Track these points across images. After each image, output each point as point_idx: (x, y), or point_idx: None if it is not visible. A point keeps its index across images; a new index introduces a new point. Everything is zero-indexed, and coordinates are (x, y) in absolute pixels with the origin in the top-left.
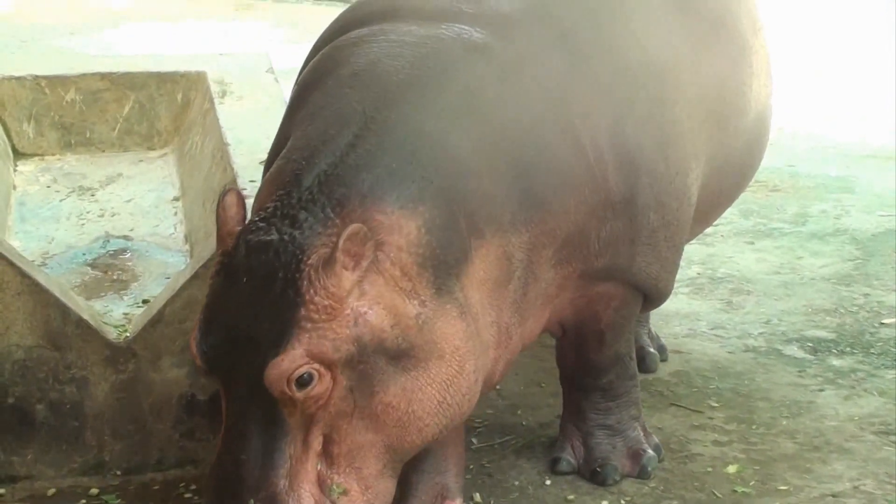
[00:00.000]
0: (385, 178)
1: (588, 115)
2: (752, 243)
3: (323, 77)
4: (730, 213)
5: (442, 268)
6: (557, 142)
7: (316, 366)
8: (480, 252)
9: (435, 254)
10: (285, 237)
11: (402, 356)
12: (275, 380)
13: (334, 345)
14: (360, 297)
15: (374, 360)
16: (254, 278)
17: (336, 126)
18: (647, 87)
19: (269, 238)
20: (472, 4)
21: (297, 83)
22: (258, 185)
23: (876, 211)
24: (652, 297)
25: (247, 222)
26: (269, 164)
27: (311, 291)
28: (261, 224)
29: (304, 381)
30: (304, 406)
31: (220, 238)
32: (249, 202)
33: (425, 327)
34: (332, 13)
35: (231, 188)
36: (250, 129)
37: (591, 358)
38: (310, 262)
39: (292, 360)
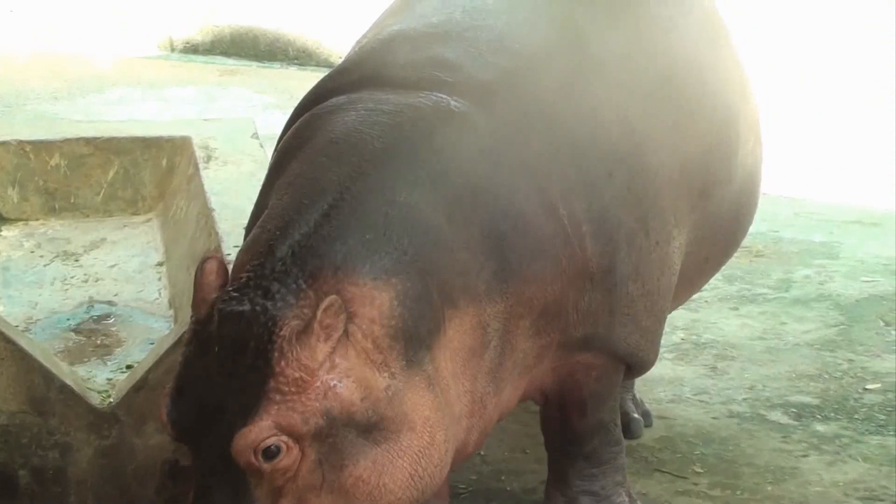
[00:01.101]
0: (358, 250)
1: (566, 187)
2: (737, 309)
3: (300, 145)
4: (714, 279)
5: (414, 339)
6: (534, 212)
7: (284, 438)
8: (454, 322)
9: (407, 326)
10: (257, 308)
11: (373, 429)
12: (242, 450)
13: (303, 417)
14: (330, 370)
15: (344, 433)
16: (225, 348)
17: (311, 196)
18: (626, 158)
19: (241, 308)
20: (451, 73)
21: (275, 150)
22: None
23: (860, 277)
24: (634, 366)
25: (221, 291)
26: (248, 231)
27: (282, 363)
28: (234, 294)
29: (271, 453)
30: (272, 478)
31: (195, 304)
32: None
33: (395, 399)
34: (317, 78)
35: (212, 255)
36: (235, 194)
37: (575, 425)
38: (281, 333)
39: (260, 432)
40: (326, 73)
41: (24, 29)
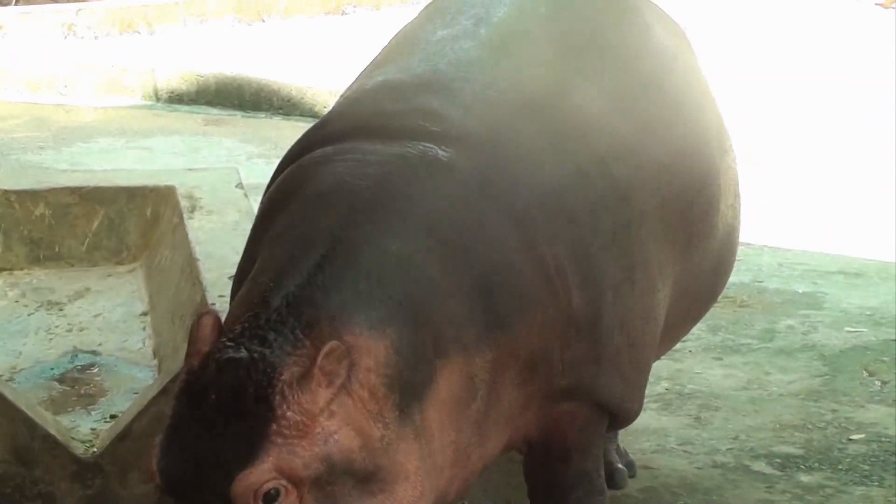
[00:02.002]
0: (353, 300)
1: (552, 238)
2: (721, 359)
3: (288, 197)
4: (698, 329)
5: (407, 390)
6: (522, 262)
7: (284, 482)
8: (444, 372)
9: (402, 375)
10: (255, 355)
11: (370, 479)
12: (242, 493)
13: (304, 462)
14: (329, 417)
15: (343, 482)
16: (222, 395)
17: (302, 247)
18: (611, 210)
19: (238, 356)
20: (437, 123)
21: (262, 203)
22: (227, 299)
23: (844, 327)
24: (618, 416)
25: (214, 342)
26: (236, 284)
27: (284, 406)
28: (229, 344)
29: (270, 497)
30: None
31: (189, 356)
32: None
33: (389, 449)
34: (302, 128)
35: (208, 310)
36: (220, 244)
37: (559, 475)
38: (282, 378)
39: (261, 474)
40: (312, 124)
41: (9, 79)
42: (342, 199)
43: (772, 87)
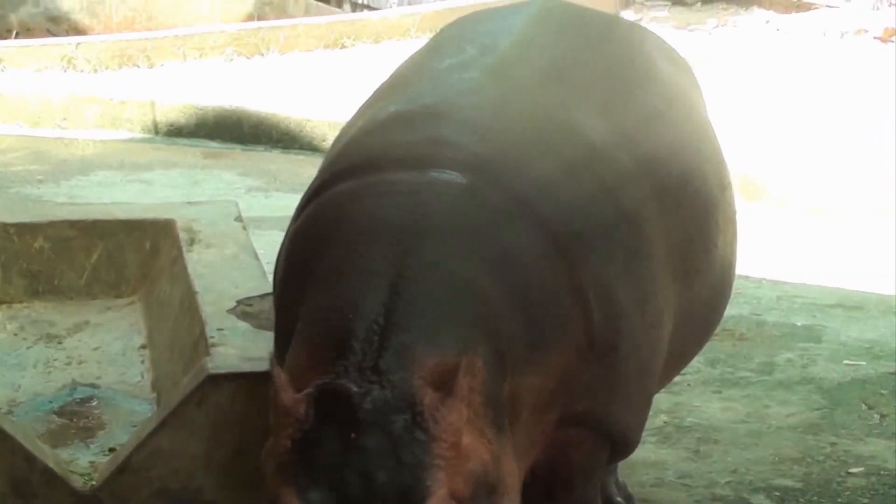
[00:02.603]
0: (439, 322)
1: (577, 262)
2: (719, 392)
3: (326, 236)
4: (696, 362)
5: (497, 406)
6: (557, 285)
7: None
8: (506, 393)
9: (492, 393)
10: (383, 384)
11: (493, 492)
12: None
13: (465, 481)
14: (466, 433)
15: (480, 498)
16: (368, 430)
17: (365, 282)
18: (622, 240)
19: (363, 390)
20: (454, 150)
21: (292, 243)
22: (226, 333)
23: (843, 360)
24: (620, 445)
25: (318, 384)
26: (281, 335)
27: (439, 429)
28: (340, 382)
29: None
30: None
31: (284, 407)
32: (217, 349)
33: (499, 463)
34: (302, 162)
35: (275, 365)
36: (219, 277)
37: (560, 503)
38: (425, 401)
39: (441, 503)
40: (326, 160)
41: (8, 112)
42: (386, 231)
43: (772, 120)
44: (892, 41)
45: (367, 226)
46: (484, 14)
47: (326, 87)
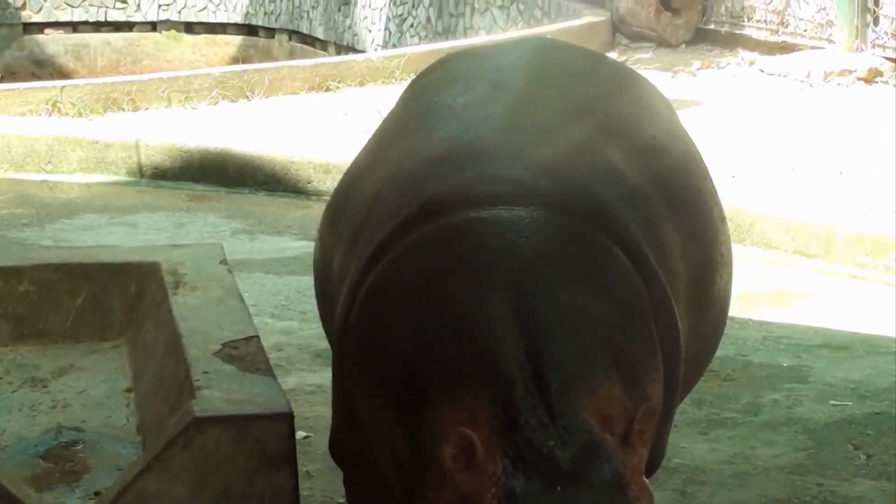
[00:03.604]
0: (582, 358)
1: (649, 282)
2: (706, 433)
3: (418, 293)
4: (683, 403)
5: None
6: (646, 303)
7: None
8: None
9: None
10: (571, 433)
11: None
12: None
13: None
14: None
15: None
16: (571, 482)
17: (492, 328)
18: (666, 268)
19: (553, 441)
20: (513, 186)
21: (367, 314)
22: (211, 376)
23: (829, 400)
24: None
25: (511, 442)
26: (388, 389)
27: (628, 472)
28: (535, 436)
29: None
30: None
31: (479, 467)
32: (202, 392)
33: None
34: (287, 204)
35: (462, 432)
36: (204, 320)
37: None
38: (611, 446)
39: None
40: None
41: None
42: (493, 274)
43: (757, 161)
44: (876, 82)
45: (469, 270)
46: (477, 52)
47: (311, 130)
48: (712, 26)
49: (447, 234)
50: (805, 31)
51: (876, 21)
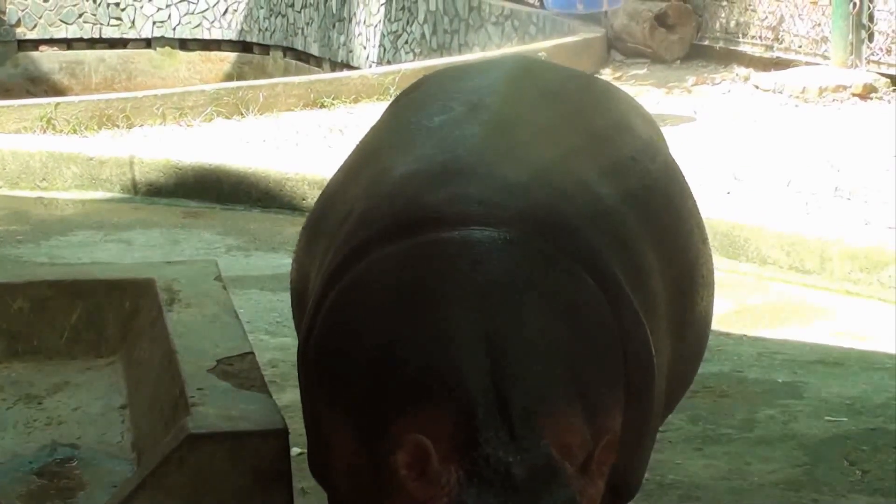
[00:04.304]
0: (546, 385)
1: (620, 308)
2: (701, 449)
3: (379, 310)
4: (677, 419)
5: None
6: (611, 330)
7: None
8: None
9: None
10: (533, 454)
11: None
12: None
13: None
14: None
15: None
16: (522, 499)
17: (458, 345)
18: (643, 291)
19: (512, 458)
20: (485, 206)
21: (329, 328)
22: (206, 393)
23: (824, 416)
24: (623, 496)
25: (468, 455)
26: (319, 416)
27: (584, 500)
28: (494, 451)
29: None
30: None
31: (431, 477)
32: (197, 409)
33: None
34: (281, 221)
35: (418, 439)
36: (199, 336)
37: None
38: (570, 473)
39: None
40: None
41: None
42: (455, 294)
43: (751, 177)
44: (871, 98)
45: (431, 289)
46: (454, 72)
47: (306, 146)
48: (707, 42)
49: (415, 252)
50: (800, 47)
51: (871, 37)
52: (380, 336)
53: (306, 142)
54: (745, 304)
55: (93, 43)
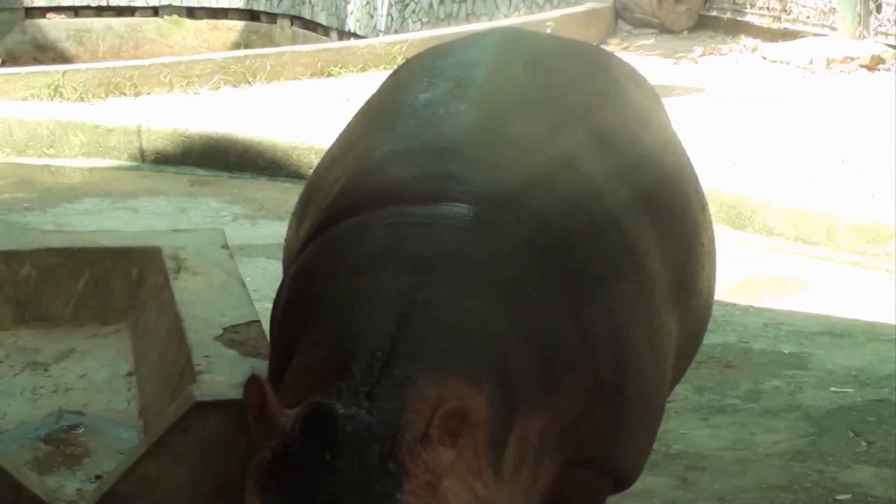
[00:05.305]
0: (449, 355)
1: (588, 300)
2: (706, 419)
3: (331, 267)
4: (683, 390)
5: (499, 446)
6: (569, 324)
7: None
8: (513, 433)
9: (496, 432)
10: (372, 412)
11: None
12: None
13: None
14: (449, 477)
15: None
16: (341, 454)
17: (375, 308)
18: (630, 273)
19: (350, 412)
20: (461, 185)
21: (294, 278)
22: (212, 360)
23: (830, 387)
24: (622, 484)
25: (309, 402)
26: (276, 368)
27: (414, 465)
28: (330, 402)
29: None
30: None
31: (273, 419)
32: (203, 377)
33: None
34: (288, 189)
35: (255, 375)
36: (205, 305)
37: None
38: (408, 435)
39: None
40: (312, 202)
41: None
42: (400, 261)
43: (759, 148)
44: (879, 70)
45: (379, 256)
46: (442, 49)
47: (313, 115)
48: (715, 13)
49: (365, 225)
50: (808, 18)
51: (878, 8)
52: (312, 298)
53: (313, 110)
54: (752, 275)
55: (100, 11)
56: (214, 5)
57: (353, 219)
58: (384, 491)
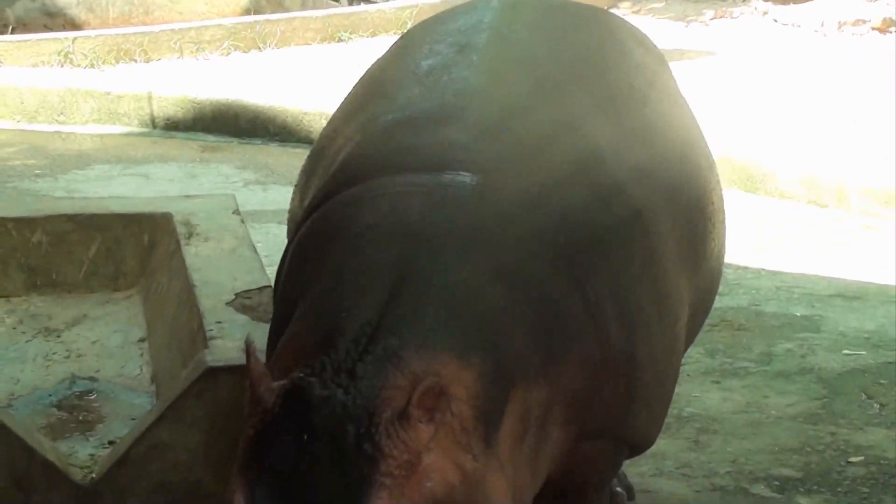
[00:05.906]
0: (436, 329)
1: (592, 270)
2: (719, 382)
3: (330, 237)
4: (695, 353)
5: (491, 421)
6: (571, 295)
7: None
8: (510, 405)
9: (487, 406)
10: (350, 391)
11: None
12: None
13: (415, 501)
14: (430, 453)
15: None
16: (321, 435)
17: (366, 279)
18: (637, 239)
19: (327, 392)
20: (463, 152)
21: (294, 247)
22: (224, 326)
23: (842, 350)
24: (637, 450)
25: (290, 377)
26: (274, 334)
27: (390, 445)
28: (311, 379)
29: None
30: None
31: (257, 395)
32: (215, 342)
33: (481, 484)
34: (299, 155)
35: (249, 342)
36: (217, 270)
37: None
38: (384, 414)
39: None
40: (314, 173)
41: (5, 106)
42: (396, 232)
43: (771, 111)
44: (891, 32)
45: (375, 226)
46: (443, 15)
47: (323, 81)
48: None
49: (366, 194)
50: None
51: None
52: (310, 266)
53: (324, 76)
54: (764, 238)
55: None
56: None
57: (353, 188)
58: (360, 474)
